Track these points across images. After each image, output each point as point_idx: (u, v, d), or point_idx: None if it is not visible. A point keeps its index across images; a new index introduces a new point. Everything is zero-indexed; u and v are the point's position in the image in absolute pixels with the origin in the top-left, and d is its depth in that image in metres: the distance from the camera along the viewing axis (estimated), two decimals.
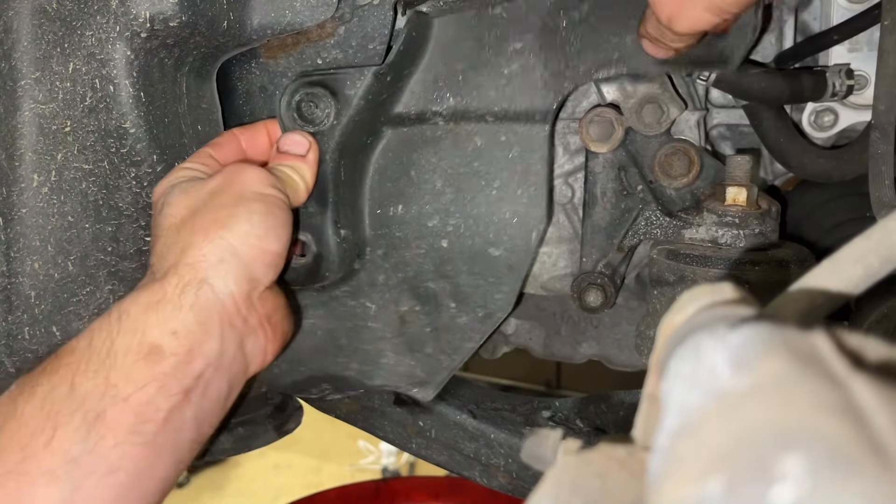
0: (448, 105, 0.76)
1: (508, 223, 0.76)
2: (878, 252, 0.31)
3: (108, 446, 0.53)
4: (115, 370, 0.55)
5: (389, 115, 0.77)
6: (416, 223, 0.79)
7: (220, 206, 0.62)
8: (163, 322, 0.57)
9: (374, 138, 0.78)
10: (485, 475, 0.89)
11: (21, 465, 0.51)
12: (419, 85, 0.76)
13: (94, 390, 0.54)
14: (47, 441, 0.52)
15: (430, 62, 0.75)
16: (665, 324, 0.31)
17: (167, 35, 0.66)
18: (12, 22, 0.66)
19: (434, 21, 0.75)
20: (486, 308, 0.79)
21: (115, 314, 0.58)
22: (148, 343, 0.56)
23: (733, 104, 0.82)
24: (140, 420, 0.55)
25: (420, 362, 0.83)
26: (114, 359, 0.55)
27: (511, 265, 0.77)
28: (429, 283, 0.80)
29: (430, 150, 0.77)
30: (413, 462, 2.74)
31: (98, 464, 0.53)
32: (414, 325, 0.82)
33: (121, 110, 0.67)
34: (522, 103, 0.74)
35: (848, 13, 0.71)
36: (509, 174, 0.76)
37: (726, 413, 0.23)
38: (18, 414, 0.53)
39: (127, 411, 0.54)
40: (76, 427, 0.53)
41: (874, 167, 0.63)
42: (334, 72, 0.74)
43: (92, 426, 0.53)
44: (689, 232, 0.75)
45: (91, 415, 0.53)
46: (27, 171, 0.68)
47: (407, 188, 0.78)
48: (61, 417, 0.53)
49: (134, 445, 0.54)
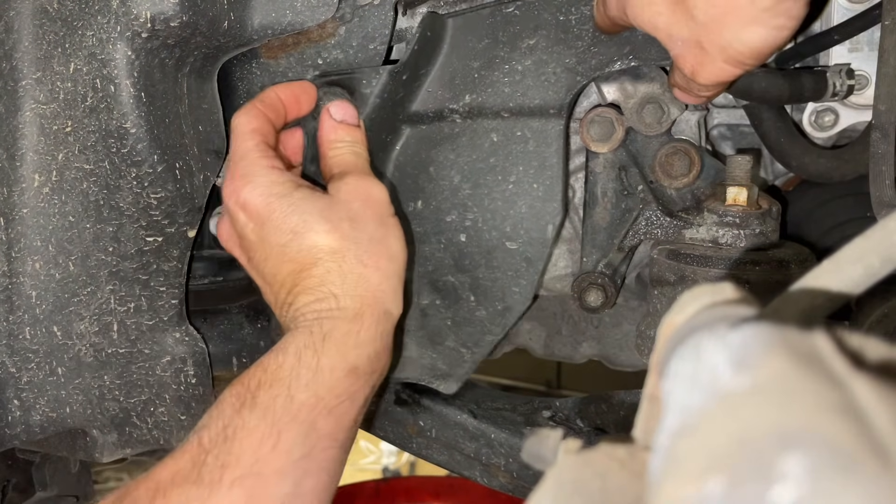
0: (464, 102, 0.77)
1: (525, 217, 0.77)
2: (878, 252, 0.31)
3: (319, 450, 0.62)
4: (323, 386, 0.63)
5: (408, 113, 0.78)
6: (434, 218, 0.80)
7: (373, 237, 0.69)
8: (361, 346, 0.66)
9: (393, 136, 0.79)
10: (485, 475, 0.89)
11: (255, 466, 0.59)
12: (436, 83, 0.77)
13: (307, 402, 0.62)
14: (274, 445, 0.60)
15: (445, 61, 0.77)
16: (665, 324, 0.31)
17: (168, 35, 0.66)
18: (13, 22, 0.66)
19: (448, 21, 0.76)
20: (504, 301, 0.80)
21: (319, 334, 0.64)
22: (349, 365, 0.64)
23: (734, 104, 0.82)
24: (339, 428, 0.64)
25: (442, 355, 0.84)
26: (321, 376, 0.63)
27: (528, 258, 0.78)
28: (448, 276, 0.81)
29: (448, 147, 0.78)
30: (413, 462, 2.74)
31: (312, 465, 0.62)
32: (435, 318, 0.83)
33: (122, 110, 0.67)
34: (537, 98, 0.75)
35: (848, 13, 0.71)
36: (525, 169, 0.76)
37: (727, 413, 0.23)
38: (245, 423, 0.60)
39: (331, 421, 0.63)
40: (296, 434, 0.61)
41: (874, 167, 0.63)
42: (351, 72, 0.75)
43: (308, 434, 0.61)
44: (690, 232, 0.76)
45: (306, 424, 0.61)
46: (28, 172, 0.68)
47: (426, 184, 0.80)
48: (283, 425, 0.60)
49: (334, 449, 0.64)
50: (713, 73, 0.60)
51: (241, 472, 0.58)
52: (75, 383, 0.74)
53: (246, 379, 0.63)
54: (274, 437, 0.60)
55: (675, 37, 0.60)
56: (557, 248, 0.85)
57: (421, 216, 0.80)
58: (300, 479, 0.61)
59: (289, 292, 0.68)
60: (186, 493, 0.57)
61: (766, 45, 0.56)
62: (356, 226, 0.68)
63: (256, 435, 0.60)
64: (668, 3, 0.58)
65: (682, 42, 0.59)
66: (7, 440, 0.74)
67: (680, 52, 0.60)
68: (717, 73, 0.60)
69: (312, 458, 0.62)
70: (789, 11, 0.54)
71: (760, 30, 0.55)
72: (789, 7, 0.54)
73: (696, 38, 0.58)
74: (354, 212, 0.69)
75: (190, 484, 0.58)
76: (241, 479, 0.58)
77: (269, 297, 0.71)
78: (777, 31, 0.55)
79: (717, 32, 0.56)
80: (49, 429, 0.75)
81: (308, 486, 0.62)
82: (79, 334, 0.73)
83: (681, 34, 0.59)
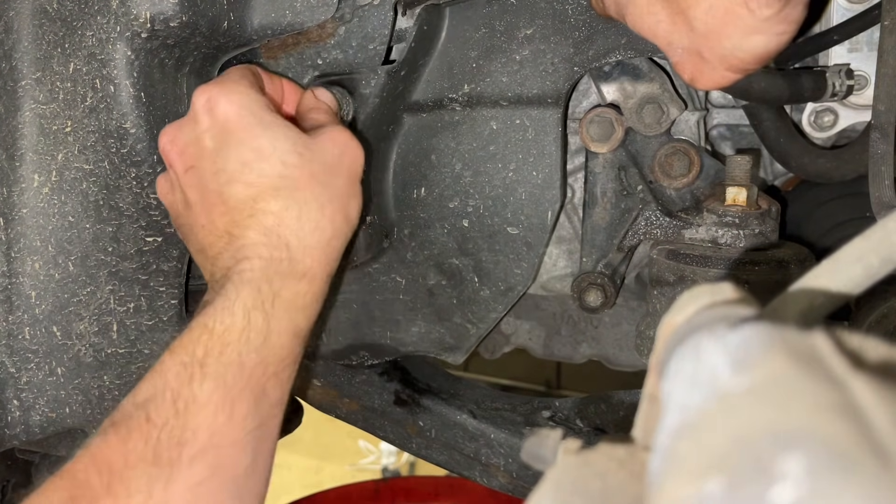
0: (463, 91, 0.78)
1: (525, 203, 0.79)
2: (878, 252, 0.31)
3: (269, 418, 0.61)
4: (271, 351, 0.60)
5: (408, 103, 0.80)
6: (437, 205, 0.82)
7: (341, 190, 0.65)
8: (307, 308, 0.63)
9: (395, 126, 0.81)
10: (485, 475, 0.89)
11: (212, 439, 0.56)
12: (435, 73, 0.78)
13: (256, 369, 0.59)
14: (229, 416, 0.57)
15: (443, 51, 0.78)
16: (665, 324, 0.31)
17: (168, 35, 0.66)
18: (13, 22, 0.66)
19: (446, 11, 0.76)
20: (506, 282, 0.82)
21: (269, 294, 0.60)
22: (295, 327, 0.62)
23: (733, 104, 0.82)
24: (283, 393, 0.62)
25: (449, 330, 0.86)
26: (270, 340, 0.60)
27: (529, 242, 0.80)
28: (453, 259, 0.83)
29: (449, 135, 0.80)
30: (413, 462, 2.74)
31: (265, 434, 0.60)
32: (441, 297, 0.85)
33: (121, 110, 0.67)
34: (535, 88, 0.76)
35: (848, 13, 0.71)
36: (524, 156, 0.78)
37: (726, 413, 0.23)
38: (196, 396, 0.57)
39: (278, 386, 0.61)
40: (249, 403, 0.59)
41: (874, 167, 0.63)
42: (350, 72, 0.76)
43: (259, 401, 0.59)
44: (689, 232, 0.76)
45: (257, 391, 0.59)
46: (28, 172, 0.68)
47: (428, 172, 0.81)
48: (235, 394, 0.58)
49: (279, 417, 0.62)
50: (713, 81, 0.60)
51: (199, 448, 0.56)
52: (75, 383, 0.74)
53: (190, 345, 0.59)
54: (228, 408, 0.57)
55: (674, 45, 0.59)
56: (557, 248, 0.85)
57: (425, 203, 0.82)
58: (257, 449, 0.59)
59: (235, 223, 0.62)
60: (146, 475, 0.54)
61: (768, 52, 0.56)
62: (328, 171, 0.64)
63: (210, 407, 0.57)
64: (668, 11, 0.58)
65: (682, 50, 0.59)
66: (7, 440, 0.74)
67: (680, 60, 0.60)
68: (717, 80, 0.60)
69: (265, 427, 0.60)
70: (789, 17, 0.54)
71: (761, 38, 0.55)
72: (788, 13, 0.53)
73: (696, 47, 0.58)
74: (330, 157, 0.64)
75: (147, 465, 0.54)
76: (200, 454, 0.56)
77: (202, 219, 0.64)
78: (778, 37, 0.55)
79: (717, 42, 0.56)
80: (49, 429, 0.75)
81: (263, 456, 0.60)
82: (78, 334, 0.73)
83: (681, 43, 0.59)
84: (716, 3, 0.54)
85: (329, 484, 1.67)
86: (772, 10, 0.53)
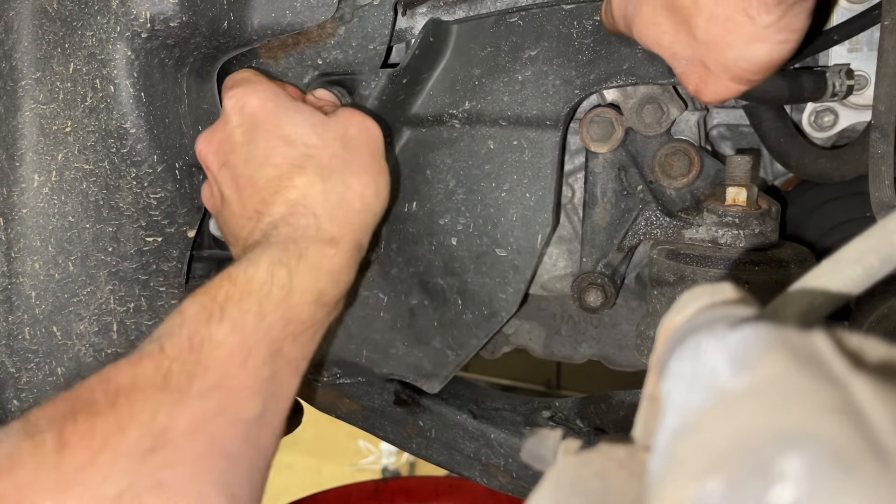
0: (464, 108, 0.77)
1: (516, 225, 0.78)
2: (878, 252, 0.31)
3: (284, 375, 0.60)
4: (292, 310, 0.60)
5: (408, 115, 0.79)
6: (428, 220, 0.81)
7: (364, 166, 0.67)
8: (333, 273, 0.63)
9: (393, 138, 0.80)
10: (485, 475, 0.89)
11: (224, 380, 0.56)
12: (437, 87, 0.78)
13: (276, 323, 0.59)
14: (244, 361, 0.57)
15: (447, 66, 0.77)
16: (665, 324, 0.31)
17: (168, 35, 0.66)
18: (13, 22, 0.66)
19: (453, 27, 0.76)
20: (490, 307, 0.80)
21: (294, 252, 0.61)
22: (318, 290, 0.62)
23: (733, 104, 0.82)
24: (301, 357, 0.62)
25: (427, 355, 0.84)
26: (292, 298, 0.60)
27: (516, 266, 0.78)
28: (438, 279, 0.82)
29: (446, 151, 0.79)
30: (413, 462, 2.74)
31: (278, 390, 0.60)
32: (423, 318, 0.83)
33: (121, 110, 0.67)
34: (535, 109, 0.75)
35: (848, 13, 0.71)
36: (519, 178, 0.77)
37: (726, 413, 0.23)
38: (212, 335, 0.57)
39: (296, 348, 0.61)
40: (265, 354, 0.58)
41: (874, 167, 0.63)
42: (350, 73, 0.75)
43: (275, 356, 0.59)
44: (689, 232, 0.76)
45: (275, 346, 0.59)
46: (28, 172, 0.68)
47: (422, 186, 0.80)
48: (253, 343, 0.58)
49: (295, 379, 0.62)
50: (718, 92, 0.59)
51: (209, 384, 0.55)
52: (75, 384, 0.74)
53: (212, 290, 0.59)
54: (243, 354, 0.57)
55: (678, 56, 0.59)
56: (557, 248, 0.85)
57: (415, 217, 0.81)
58: (268, 401, 0.58)
59: (264, 201, 0.64)
60: (153, 398, 0.53)
61: (772, 61, 0.55)
62: (349, 148, 0.66)
63: (225, 349, 0.56)
64: (672, 22, 0.58)
65: (686, 61, 0.59)
66: None
67: (684, 71, 0.60)
68: (721, 91, 0.59)
69: (278, 383, 0.59)
70: (791, 25, 0.53)
71: (764, 46, 0.54)
72: (790, 21, 0.53)
73: (700, 57, 0.57)
74: (349, 136, 0.67)
75: (155, 389, 0.53)
76: (210, 390, 0.54)
77: (236, 207, 0.66)
78: (781, 46, 0.54)
79: (720, 52, 0.56)
80: None
81: (272, 412, 0.59)
82: (78, 334, 0.73)
83: (684, 53, 0.58)
84: (717, 12, 0.54)
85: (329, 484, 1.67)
86: (772, 17, 0.52)
